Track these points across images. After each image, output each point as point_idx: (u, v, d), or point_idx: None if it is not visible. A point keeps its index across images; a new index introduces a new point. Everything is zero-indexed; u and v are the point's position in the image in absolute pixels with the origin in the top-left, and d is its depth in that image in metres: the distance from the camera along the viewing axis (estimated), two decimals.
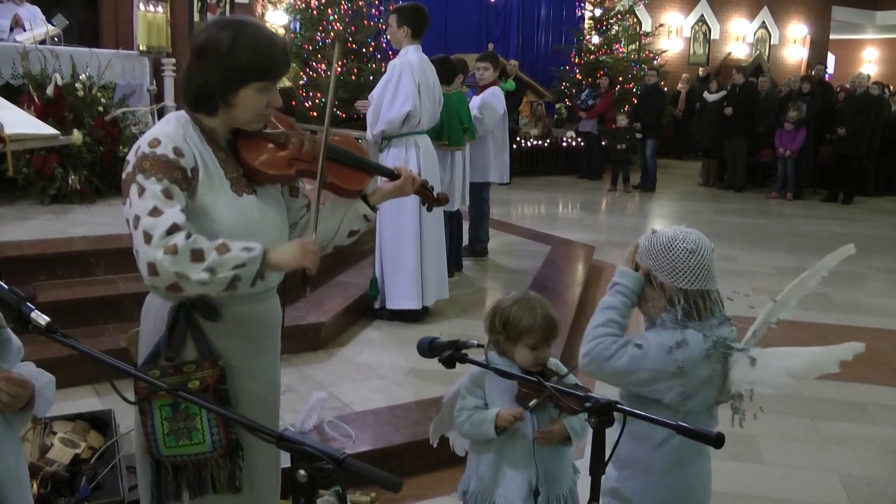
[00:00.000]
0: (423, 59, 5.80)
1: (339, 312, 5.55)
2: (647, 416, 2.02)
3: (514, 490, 2.69)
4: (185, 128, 2.32)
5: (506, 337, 2.70)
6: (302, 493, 1.59)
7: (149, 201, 2.15)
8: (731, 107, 14.09)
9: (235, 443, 2.34)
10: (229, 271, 2.15)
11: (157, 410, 2.29)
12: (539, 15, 17.49)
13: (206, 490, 2.37)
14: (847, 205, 13.39)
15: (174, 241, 2.11)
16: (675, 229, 2.47)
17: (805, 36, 21.18)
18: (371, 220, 2.65)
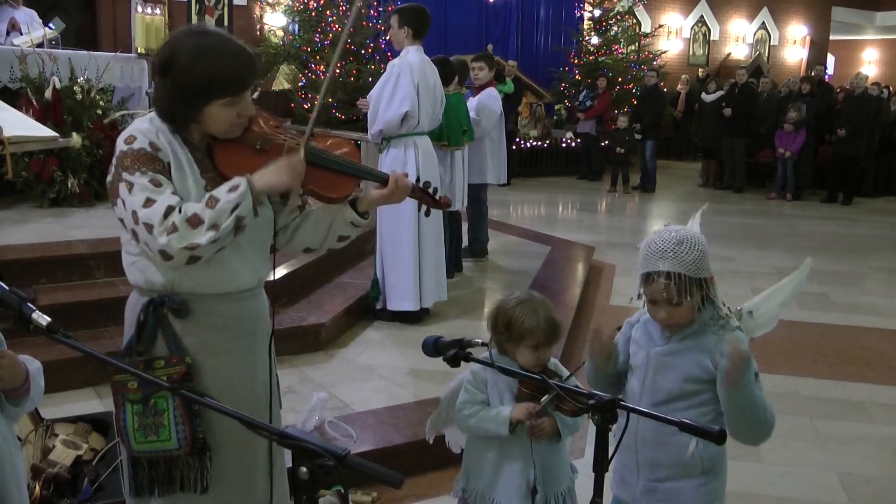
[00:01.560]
0: (425, 60, 5.81)
1: (339, 313, 5.56)
2: (651, 414, 2.03)
3: (513, 488, 2.69)
4: (160, 127, 2.30)
5: (508, 337, 2.69)
6: (304, 490, 1.60)
7: (140, 195, 2.17)
8: (729, 107, 14.10)
9: (202, 442, 2.34)
10: (229, 217, 2.17)
11: (128, 405, 2.30)
12: (538, 16, 17.51)
13: (174, 488, 2.37)
14: (846, 205, 13.40)
15: (172, 221, 2.14)
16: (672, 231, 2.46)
17: (805, 36, 21.19)
18: (360, 227, 2.56)
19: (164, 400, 2.29)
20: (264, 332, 2.56)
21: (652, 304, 2.44)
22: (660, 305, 2.41)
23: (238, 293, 2.43)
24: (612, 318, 6.75)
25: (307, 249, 2.66)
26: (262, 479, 2.56)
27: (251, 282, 2.46)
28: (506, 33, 17.24)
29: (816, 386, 5.44)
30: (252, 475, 2.53)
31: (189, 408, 2.30)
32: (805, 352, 6.11)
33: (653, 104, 14.29)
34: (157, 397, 2.29)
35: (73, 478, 3.28)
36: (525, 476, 2.70)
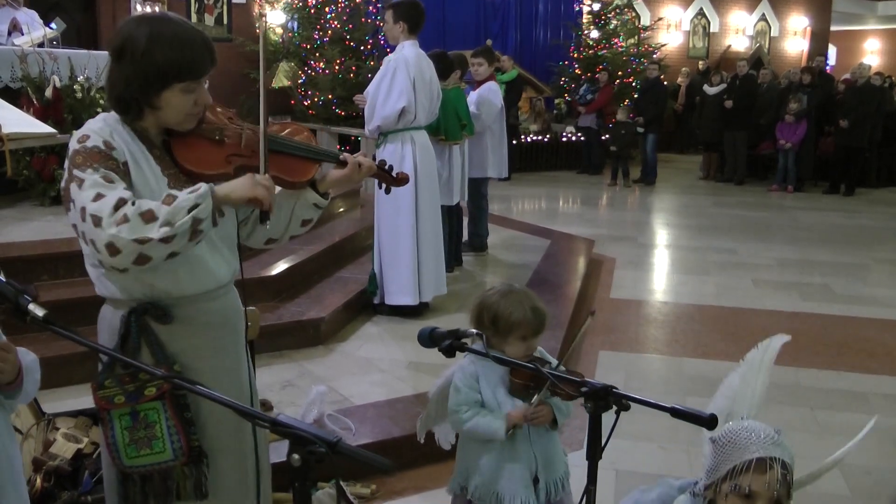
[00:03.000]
0: (420, 55, 5.82)
1: (338, 308, 5.57)
2: (642, 400, 2.04)
3: (517, 481, 2.70)
4: (114, 126, 2.24)
5: (495, 332, 2.69)
6: (296, 478, 1.61)
7: (90, 191, 2.08)
8: (731, 100, 14.09)
9: (198, 450, 2.30)
10: (185, 216, 2.07)
11: (116, 420, 2.23)
12: (537, 10, 17.47)
13: (171, 500, 2.32)
14: (849, 196, 13.38)
15: (123, 213, 2.04)
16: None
17: (805, 27, 21.13)
18: (323, 208, 2.55)
19: (155, 411, 2.23)
20: (243, 329, 2.54)
21: (747, 498, 2.02)
22: (760, 502, 2.01)
23: (217, 290, 2.39)
24: (613, 313, 6.77)
25: (269, 241, 2.60)
26: (252, 482, 2.55)
27: (226, 276, 2.43)
28: (504, 28, 17.20)
29: (818, 377, 5.45)
30: (245, 478, 2.52)
31: (182, 416, 2.26)
32: (807, 343, 6.11)
33: (655, 98, 14.27)
34: (146, 409, 2.23)
35: (73, 470, 3.29)
36: (528, 467, 2.72)
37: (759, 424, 2.12)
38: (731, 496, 2.03)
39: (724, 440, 2.09)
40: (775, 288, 7.57)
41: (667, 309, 6.98)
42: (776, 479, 2.00)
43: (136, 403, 2.22)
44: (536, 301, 2.74)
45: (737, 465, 2.02)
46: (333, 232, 7.08)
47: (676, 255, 9.09)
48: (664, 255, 9.16)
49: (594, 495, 2.10)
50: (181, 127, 2.31)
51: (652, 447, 4.45)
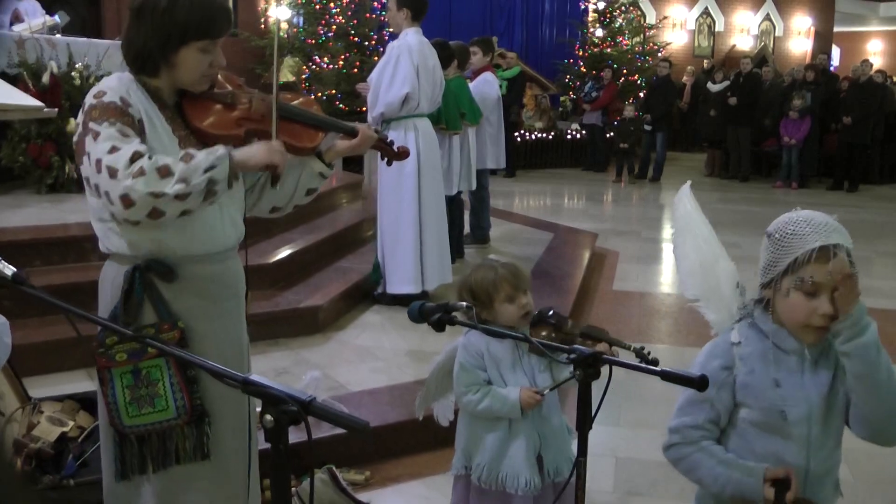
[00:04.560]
0: (423, 42, 5.74)
1: (337, 296, 5.49)
2: (632, 365, 1.98)
3: (521, 460, 2.64)
4: (129, 85, 2.26)
5: (481, 305, 2.66)
6: (270, 439, 1.53)
7: (106, 143, 2.10)
8: (735, 97, 14.01)
9: (201, 409, 2.29)
10: (202, 176, 2.10)
11: (117, 379, 2.22)
12: (543, 8, 17.43)
13: (170, 462, 2.30)
14: (852, 193, 13.29)
15: (139, 165, 2.06)
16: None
17: (809, 27, 21.03)
18: (327, 177, 2.63)
19: (158, 369, 2.23)
20: (243, 296, 2.54)
21: (810, 295, 1.92)
22: (824, 295, 1.91)
23: (223, 252, 2.41)
24: (615, 304, 6.69)
25: (274, 209, 2.66)
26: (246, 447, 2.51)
27: (233, 239, 2.45)
28: (511, 25, 17.16)
29: None
30: (245, 445, 2.49)
31: (185, 374, 2.25)
32: None
33: (664, 95, 14.19)
34: (149, 367, 2.22)
35: (57, 454, 3.21)
36: (532, 447, 2.67)
37: (816, 212, 2.00)
38: (793, 292, 1.95)
39: (780, 233, 1.99)
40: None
41: (670, 300, 6.90)
42: (843, 264, 1.90)
43: (139, 361, 2.23)
44: (509, 263, 2.74)
45: (798, 257, 1.92)
46: (334, 222, 7.01)
47: None
48: (668, 248, 9.06)
49: (584, 467, 2.02)
50: (194, 88, 2.35)
51: (652, 434, 4.36)
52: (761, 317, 2.07)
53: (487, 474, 2.65)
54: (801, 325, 1.97)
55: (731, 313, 2.17)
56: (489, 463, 2.66)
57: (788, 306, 1.97)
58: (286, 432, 1.54)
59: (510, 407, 2.59)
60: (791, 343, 2.01)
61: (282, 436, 1.54)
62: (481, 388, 2.64)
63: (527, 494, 2.62)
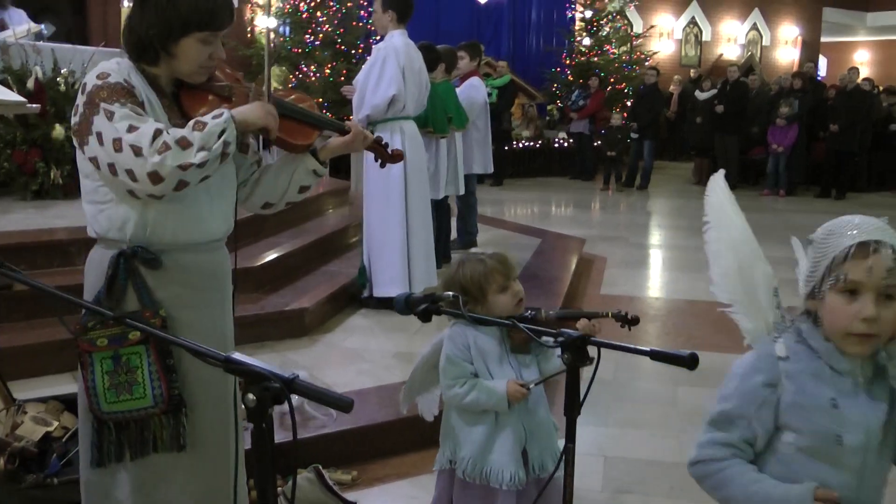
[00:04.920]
0: (409, 45, 5.74)
1: (323, 299, 5.47)
2: (621, 346, 1.96)
3: (506, 454, 2.62)
4: (129, 69, 2.28)
5: (472, 299, 2.63)
6: (252, 418, 1.51)
7: (123, 122, 2.12)
8: (722, 105, 14.06)
9: (178, 398, 2.28)
10: (218, 140, 2.15)
11: (97, 363, 2.22)
12: (530, 17, 17.46)
13: (147, 450, 2.30)
14: (840, 200, 13.33)
15: (163, 141, 2.10)
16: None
17: (797, 37, 21.16)
18: (321, 175, 2.62)
19: (138, 356, 2.23)
20: (230, 285, 2.54)
21: (849, 296, 1.74)
22: (865, 296, 1.72)
23: (209, 243, 2.41)
24: (603, 308, 6.65)
25: (266, 205, 2.66)
26: (233, 436, 2.48)
27: (221, 231, 2.46)
28: (498, 34, 17.18)
29: None
30: (227, 438, 2.46)
31: (165, 363, 2.24)
32: None
33: (651, 103, 14.23)
34: (129, 353, 2.22)
35: (40, 453, 3.18)
36: (518, 441, 2.64)
37: (860, 215, 1.82)
38: (831, 294, 1.77)
39: (820, 235, 1.83)
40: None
41: (658, 304, 6.90)
42: (883, 266, 1.70)
43: (120, 347, 2.22)
44: (491, 253, 2.73)
45: (836, 256, 1.75)
46: (321, 227, 7.00)
47: (668, 255, 9.01)
48: (656, 254, 9.08)
49: (573, 454, 2.00)
50: (192, 79, 2.37)
51: (641, 433, 4.36)
52: (811, 332, 1.85)
53: (472, 468, 2.62)
54: (842, 334, 1.77)
55: (767, 323, 1.97)
56: (474, 456, 2.63)
57: (828, 312, 1.79)
58: (269, 412, 1.52)
59: (497, 399, 2.56)
60: (844, 363, 1.80)
61: (265, 415, 1.52)
62: (468, 380, 2.62)
63: (511, 489, 2.60)
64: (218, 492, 2.45)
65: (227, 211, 2.47)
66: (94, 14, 12.60)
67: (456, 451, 2.68)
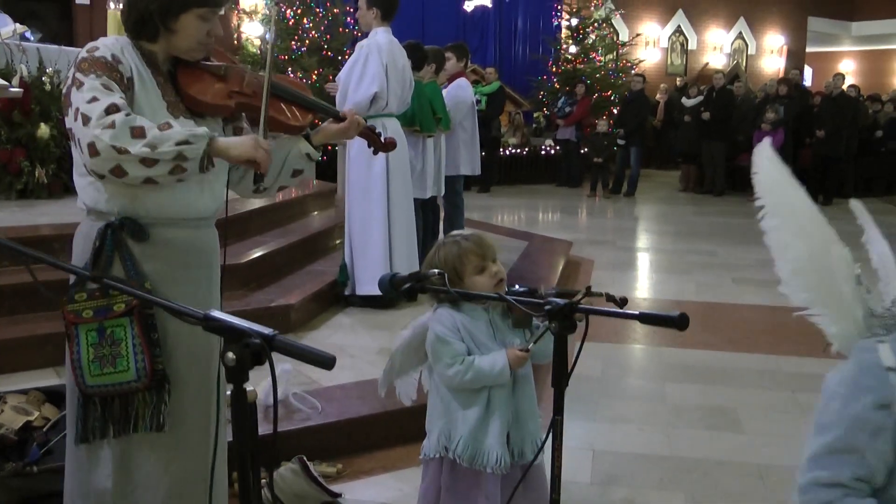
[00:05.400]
0: (393, 42, 5.72)
1: (308, 297, 5.42)
2: (609, 311, 1.94)
3: (496, 436, 2.58)
4: (125, 45, 2.30)
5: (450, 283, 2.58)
6: (231, 379, 1.48)
7: (87, 93, 2.13)
8: (708, 111, 14.09)
9: (161, 374, 2.26)
10: (171, 147, 2.09)
11: (83, 336, 2.22)
12: (516, 25, 17.49)
13: (129, 428, 2.28)
14: (827, 206, 13.34)
15: (112, 119, 2.08)
16: None
17: (782, 46, 21.26)
18: (315, 160, 2.63)
19: (122, 328, 2.22)
20: (218, 264, 2.53)
21: None
22: None
23: (198, 220, 2.41)
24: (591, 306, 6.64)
25: (258, 189, 2.64)
26: (214, 416, 2.46)
27: (210, 210, 2.45)
28: (484, 43, 17.20)
29: (799, 363, 5.34)
30: (208, 421, 2.44)
31: (149, 336, 2.24)
32: (788, 333, 6.00)
33: (637, 109, 14.24)
34: (113, 326, 2.21)
35: (20, 442, 3.13)
36: (505, 424, 2.60)
37: None
38: None
39: None
40: (756, 285, 7.47)
41: (646, 304, 6.88)
42: None
43: (105, 319, 2.22)
44: (468, 233, 2.72)
45: None
46: (306, 227, 6.96)
47: (656, 258, 9.00)
48: (644, 257, 9.07)
49: (561, 426, 1.97)
50: (190, 56, 2.38)
51: (629, 428, 4.33)
52: None
53: (465, 450, 2.57)
54: None
55: (856, 320, 1.65)
56: (466, 438, 2.58)
57: None
58: (248, 372, 1.49)
59: (500, 370, 2.51)
60: None
61: (243, 376, 1.48)
62: (466, 358, 2.57)
63: (496, 472, 2.56)
64: (197, 475, 2.42)
65: (217, 190, 2.47)
66: (80, 20, 12.56)
67: (450, 433, 2.62)
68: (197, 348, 2.38)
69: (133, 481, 2.34)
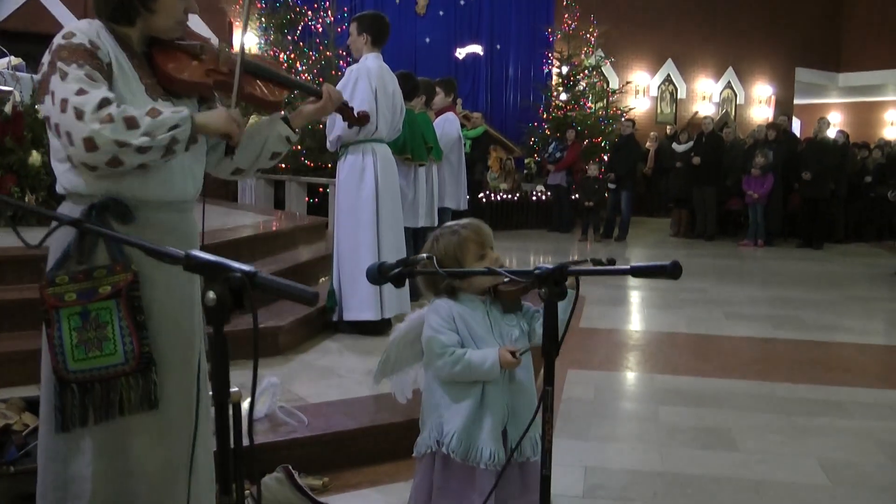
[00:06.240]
0: (383, 67, 5.74)
1: (297, 320, 5.36)
2: (601, 270, 1.90)
3: (488, 431, 2.53)
4: (99, 30, 2.26)
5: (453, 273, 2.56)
6: (211, 320, 1.43)
7: (73, 84, 2.10)
8: (698, 156, 14.16)
9: (148, 356, 2.20)
10: (166, 133, 2.12)
11: (65, 320, 2.13)
12: (507, 72, 17.63)
13: (113, 413, 2.20)
14: (818, 250, 13.37)
15: (108, 112, 2.07)
16: None
17: (770, 96, 21.50)
18: (293, 143, 2.64)
19: (108, 311, 2.15)
20: (198, 246, 2.47)
21: None
22: None
23: (180, 203, 2.38)
24: (583, 338, 6.60)
25: (236, 171, 2.64)
26: (194, 396, 2.41)
27: (191, 192, 2.43)
28: (475, 89, 17.32)
29: (792, 389, 5.28)
30: (191, 403, 2.38)
31: (135, 318, 2.17)
32: (780, 361, 5.98)
33: (628, 154, 14.30)
34: (98, 309, 2.14)
35: None
36: (500, 419, 2.56)
37: None
38: None
39: None
40: (748, 319, 7.44)
41: (637, 335, 6.84)
42: None
43: (89, 302, 2.14)
44: (465, 222, 2.70)
45: None
46: (296, 257, 6.93)
47: (647, 294, 8.96)
48: (635, 294, 9.03)
49: (551, 398, 1.91)
50: (168, 34, 2.38)
51: (621, 446, 4.26)
52: None
53: (458, 443, 2.51)
54: None
55: None
56: (460, 432, 2.52)
57: None
58: (228, 313, 1.44)
59: (489, 366, 2.47)
60: None
61: (224, 316, 1.44)
62: (457, 350, 2.53)
63: (489, 468, 2.50)
64: (180, 461, 2.35)
65: (198, 173, 2.45)
66: None
67: (443, 427, 2.57)
68: (180, 331, 2.34)
69: (118, 468, 2.27)
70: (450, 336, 2.55)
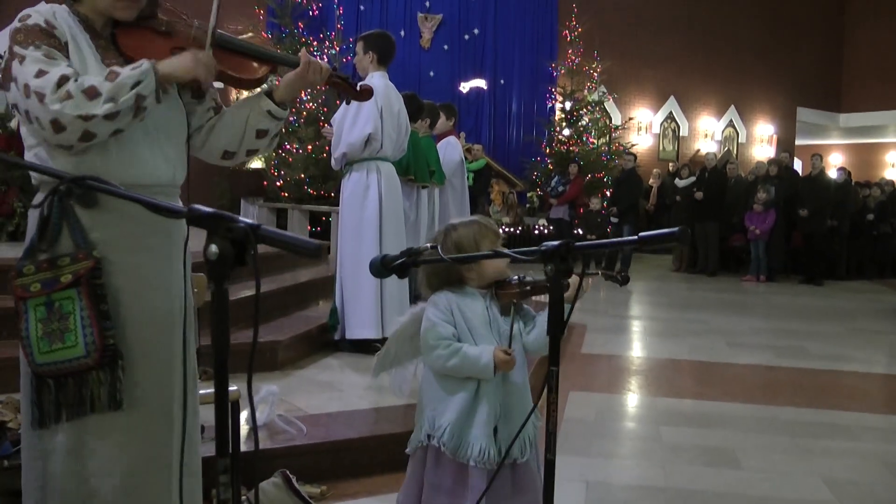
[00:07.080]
0: (389, 86, 5.75)
1: (297, 335, 5.33)
2: (606, 243, 1.87)
3: (482, 426, 2.49)
4: (57, 10, 2.22)
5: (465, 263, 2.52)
6: (212, 274, 1.40)
7: (32, 66, 2.07)
8: (701, 192, 14.16)
9: (113, 349, 2.12)
10: (129, 92, 2.07)
11: (31, 311, 2.08)
12: (510, 107, 17.71)
13: (84, 411, 2.13)
14: (819, 286, 13.31)
15: (66, 89, 2.03)
16: None
17: (772, 135, 21.56)
18: (278, 118, 2.48)
19: (70, 301, 2.08)
20: (180, 237, 2.34)
21: None
22: None
23: (152, 186, 2.26)
24: (584, 364, 6.55)
25: (226, 154, 2.53)
26: (178, 413, 2.31)
27: (166, 175, 2.32)
28: (478, 124, 17.39)
29: (797, 413, 5.22)
30: (171, 386, 2.29)
31: (98, 308, 2.10)
32: (784, 387, 5.92)
33: (629, 188, 14.30)
34: (61, 299, 2.07)
35: None
36: (492, 417, 2.52)
37: None
38: None
39: None
40: (751, 348, 7.39)
41: (639, 361, 6.78)
42: None
43: (52, 291, 2.08)
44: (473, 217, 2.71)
45: None
46: (298, 276, 6.90)
47: (649, 324, 8.91)
48: (637, 323, 8.98)
49: (557, 377, 1.88)
50: (117, 14, 2.28)
51: (622, 463, 4.21)
52: None
53: (450, 437, 2.48)
54: None
55: None
56: (452, 425, 2.49)
57: None
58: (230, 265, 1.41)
59: (483, 365, 2.45)
60: None
61: (225, 270, 1.41)
62: (452, 344, 2.50)
63: (480, 465, 2.46)
64: (159, 462, 2.28)
65: (172, 155, 2.35)
66: None
67: (436, 420, 2.53)
68: (154, 321, 2.26)
69: (87, 469, 2.19)
70: (446, 329, 2.53)
